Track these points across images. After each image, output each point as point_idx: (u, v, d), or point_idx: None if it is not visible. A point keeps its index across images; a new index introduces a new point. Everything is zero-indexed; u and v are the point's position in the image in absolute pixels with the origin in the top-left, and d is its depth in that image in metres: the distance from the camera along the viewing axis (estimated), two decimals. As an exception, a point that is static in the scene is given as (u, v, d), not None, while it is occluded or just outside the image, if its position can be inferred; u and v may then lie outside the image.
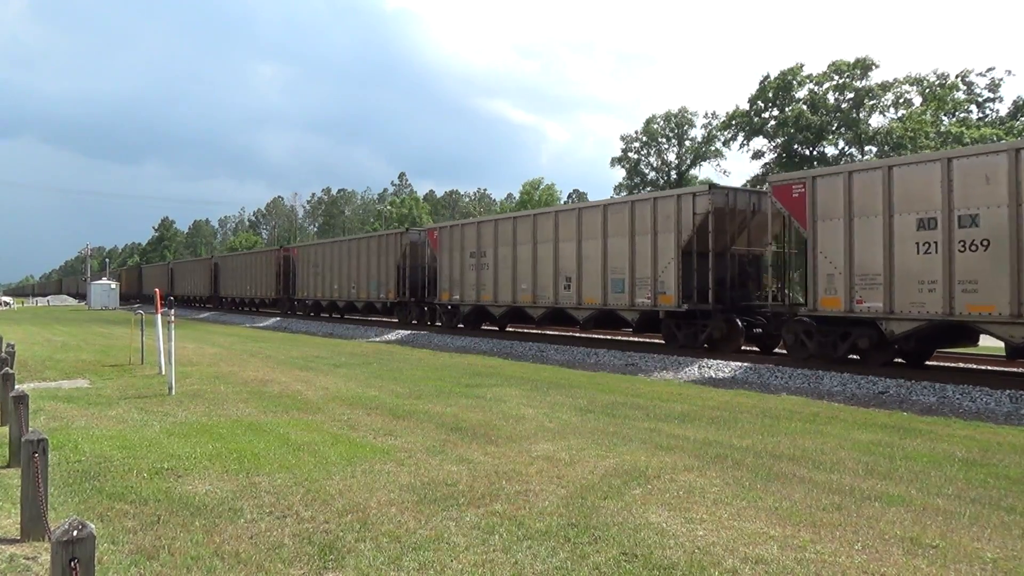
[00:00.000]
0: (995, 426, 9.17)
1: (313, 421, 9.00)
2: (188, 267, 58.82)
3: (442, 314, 25.26)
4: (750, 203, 16.55)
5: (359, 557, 4.44)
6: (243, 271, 43.84)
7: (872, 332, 12.93)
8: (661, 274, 16.55)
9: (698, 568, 4.28)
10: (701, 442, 7.81)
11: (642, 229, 17.02)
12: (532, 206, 69.50)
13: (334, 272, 32.75)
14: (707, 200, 15.81)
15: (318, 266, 34.40)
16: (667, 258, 16.41)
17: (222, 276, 47.68)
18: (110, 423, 8.82)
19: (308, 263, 35.71)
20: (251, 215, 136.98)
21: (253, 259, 43.12)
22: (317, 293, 34.47)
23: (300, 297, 35.93)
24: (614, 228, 17.77)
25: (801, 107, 49.77)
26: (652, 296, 16.72)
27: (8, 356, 11.81)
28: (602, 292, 18.03)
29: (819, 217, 13.48)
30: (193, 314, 46.58)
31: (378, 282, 29.21)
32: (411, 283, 27.20)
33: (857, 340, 13.23)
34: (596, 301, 18.22)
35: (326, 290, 33.45)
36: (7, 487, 5.93)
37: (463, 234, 23.48)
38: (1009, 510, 5.48)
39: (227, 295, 45.69)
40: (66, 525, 2.87)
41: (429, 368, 15.23)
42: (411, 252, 27.29)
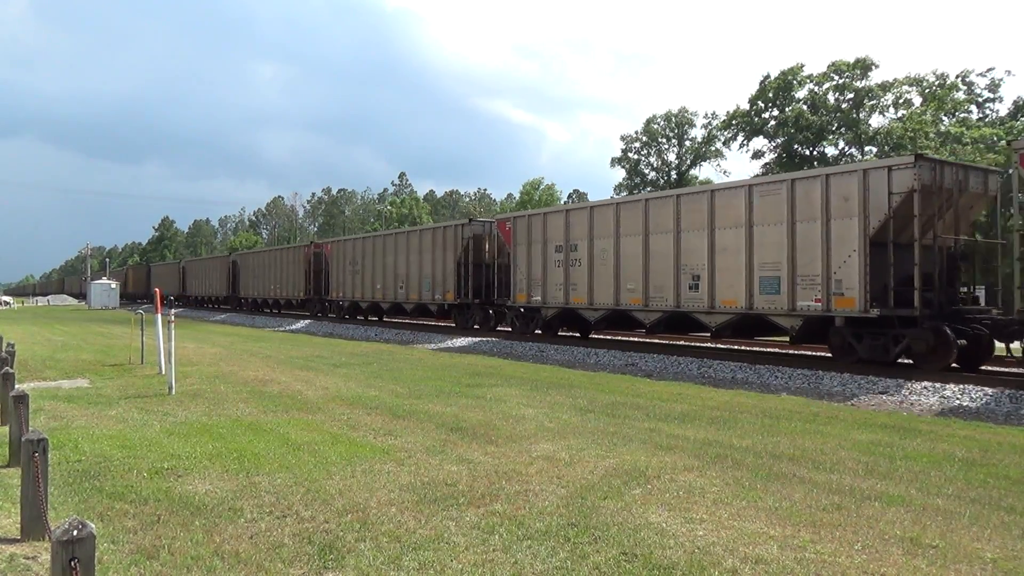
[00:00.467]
0: (995, 426, 9.17)
1: (313, 421, 9.00)
2: (202, 265, 54.58)
3: (515, 319, 21.88)
4: (956, 179, 13.12)
5: (359, 557, 4.44)
6: (266, 269, 40.13)
7: None
8: (837, 271, 13.33)
9: (698, 568, 4.28)
10: (701, 442, 7.81)
11: (807, 215, 13.78)
12: (532, 206, 69.48)
13: (376, 270, 29.29)
14: (911, 175, 12.39)
15: (356, 263, 30.73)
16: (848, 249, 13.19)
17: (242, 275, 43.66)
18: (110, 423, 8.82)
19: (344, 260, 31.98)
20: (251, 215, 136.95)
21: (279, 256, 39.02)
22: (355, 293, 30.86)
23: (334, 298, 32.22)
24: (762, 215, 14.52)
25: (801, 107, 49.77)
26: (824, 298, 13.52)
27: (8, 356, 11.80)
28: (746, 293, 14.80)
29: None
30: (208, 315, 44.54)
31: (432, 281, 25.96)
32: (474, 283, 24.10)
33: None
34: (737, 304, 15.00)
35: (366, 290, 29.83)
36: (7, 487, 5.93)
37: (545, 224, 20.19)
38: (1009, 510, 5.48)
39: (248, 295, 41.91)
40: (66, 525, 2.87)
41: (429, 368, 15.23)
42: (474, 246, 24.00)
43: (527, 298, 20.87)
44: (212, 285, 50.24)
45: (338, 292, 32.18)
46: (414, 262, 27.23)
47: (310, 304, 35.27)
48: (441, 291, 25.48)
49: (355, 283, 30.68)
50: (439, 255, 25.68)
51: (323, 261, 34.05)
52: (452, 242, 24.97)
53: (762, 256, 14.48)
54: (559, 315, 20.19)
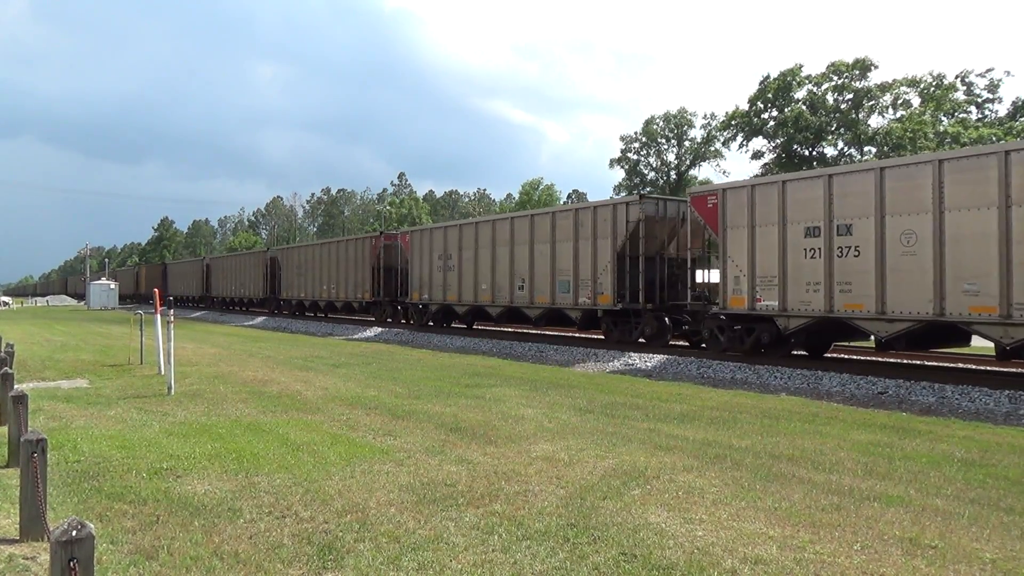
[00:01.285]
0: (994, 426, 9.18)
1: (312, 421, 9.00)
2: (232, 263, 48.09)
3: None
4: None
5: (358, 557, 4.44)
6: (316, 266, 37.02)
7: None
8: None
9: (697, 568, 4.29)
10: (700, 442, 7.81)
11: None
12: (532, 206, 69.55)
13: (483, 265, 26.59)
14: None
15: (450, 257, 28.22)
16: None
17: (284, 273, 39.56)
18: (109, 423, 8.82)
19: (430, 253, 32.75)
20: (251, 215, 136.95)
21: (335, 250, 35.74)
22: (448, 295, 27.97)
23: (416, 300, 27.75)
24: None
25: (801, 107, 49.79)
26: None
27: (7, 356, 11.79)
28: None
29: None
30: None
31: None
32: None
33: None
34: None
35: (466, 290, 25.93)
36: (6, 487, 5.93)
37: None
38: (1008, 510, 5.48)
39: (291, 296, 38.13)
40: (65, 525, 2.87)
41: (428, 368, 15.23)
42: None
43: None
44: (244, 285, 44.26)
45: (421, 293, 26.75)
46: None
47: (377, 307, 30.42)
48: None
49: (449, 282, 25.20)
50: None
51: (397, 255, 29.23)
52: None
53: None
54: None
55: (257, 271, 42.26)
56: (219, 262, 51.18)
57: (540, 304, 20.64)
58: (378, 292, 29.89)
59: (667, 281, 18.15)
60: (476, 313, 24.46)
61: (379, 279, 29.84)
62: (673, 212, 18.19)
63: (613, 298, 18.07)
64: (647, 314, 17.78)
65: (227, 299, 47.58)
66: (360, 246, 31.50)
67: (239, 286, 45.06)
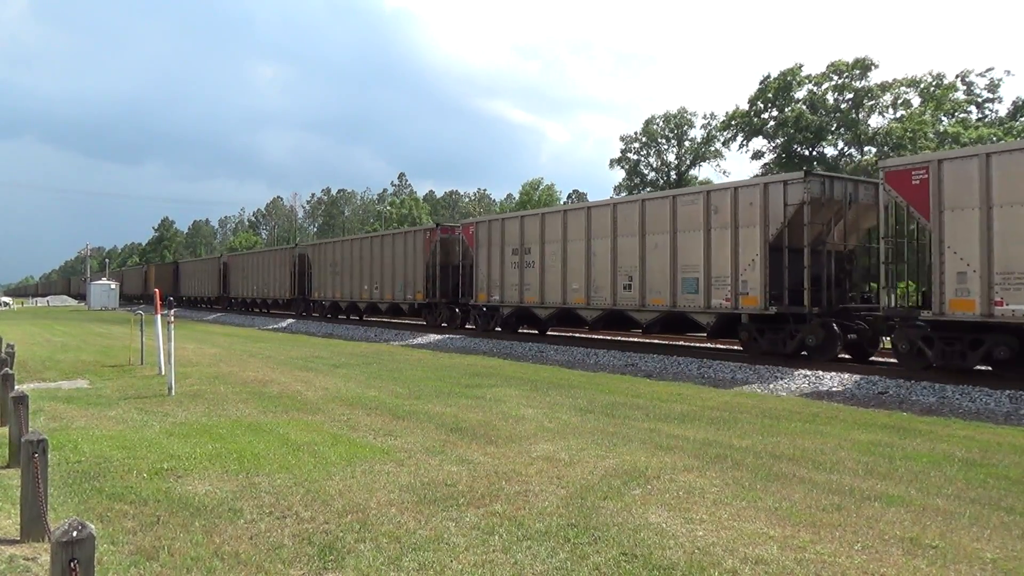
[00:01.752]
0: (995, 426, 9.17)
1: (313, 421, 9.00)
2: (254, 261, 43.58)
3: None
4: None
5: (359, 557, 4.44)
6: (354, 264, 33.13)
7: None
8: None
9: (698, 568, 4.28)
10: (701, 442, 7.81)
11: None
12: (532, 206, 69.49)
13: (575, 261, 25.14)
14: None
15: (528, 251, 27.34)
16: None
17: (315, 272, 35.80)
18: (110, 423, 8.82)
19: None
20: (251, 215, 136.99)
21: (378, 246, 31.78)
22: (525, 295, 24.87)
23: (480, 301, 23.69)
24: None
25: (801, 107, 49.79)
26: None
27: (8, 356, 11.80)
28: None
29: None
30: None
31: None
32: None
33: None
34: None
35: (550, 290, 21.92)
36: (7, 487, 5.93)
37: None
38: (1009, 510, 5.48)
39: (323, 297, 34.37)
40: (66, 526, 2.87)
41: (429, 368, 15.23)
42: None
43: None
44: (268, 285, 40.18)
45: (490, 293, 22.66)
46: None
47: (431, 310, 26.71)
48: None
49: (527, 280, 21.06)
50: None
51: (457, 250, 25.51)
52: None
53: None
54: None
55: (283, 269, 38.22)
56: (238, 260, 46.50)
57: (655, 307, 16.78)
58: (432, 292, 25.94)
59: (833, 279, 14.93)
60: (562, 317, 20.39)
61: (434, 278, 25.98)
62: (839, 193, 14.66)
63: (763, 300, 14.53)
64: (813, 320, 14.22)
65: (248, 300, 43.43)
66: (411, 240, 27.58)
67: (262, 286, 40.88)
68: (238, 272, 45.00)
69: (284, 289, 38.14)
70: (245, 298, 43.66)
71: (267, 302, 40.99)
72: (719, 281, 15.39)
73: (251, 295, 42.57)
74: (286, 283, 37.82)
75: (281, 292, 38.61)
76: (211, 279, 49.62)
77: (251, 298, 42.80)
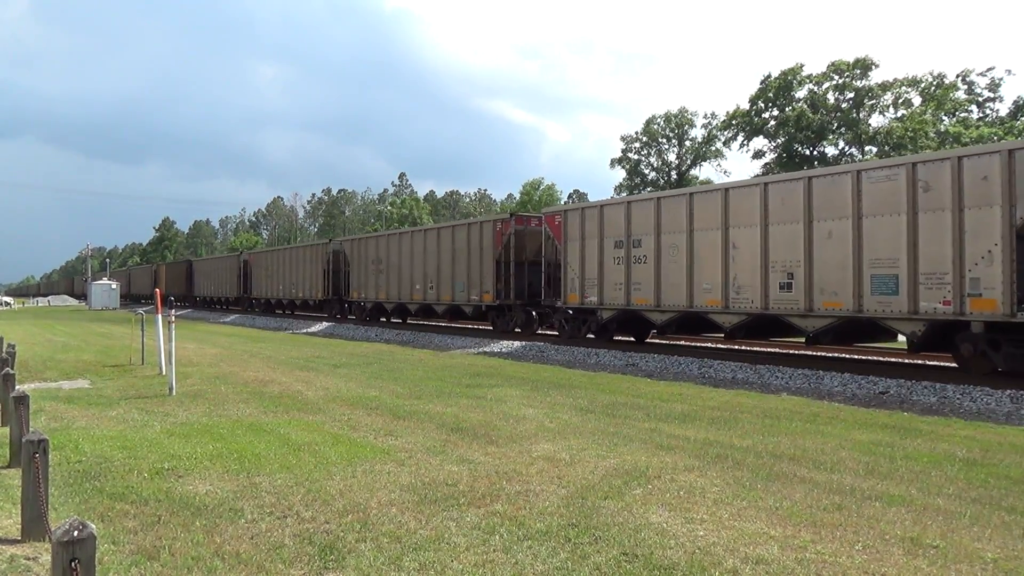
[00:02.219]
0: (996, 426, 9.17)
1: (314, 421, 9.00)
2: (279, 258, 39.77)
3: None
4: None
5: (360, 557, 4.44)
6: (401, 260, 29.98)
7: None
8: None
9: (698, 568, 4.28)
10: (702, 442, 7.81)
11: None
12: (532, 206, 69.45)
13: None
14: None
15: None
16: None
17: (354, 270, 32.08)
18: (111, 423, 8.82)
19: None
20: (251, 215, 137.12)
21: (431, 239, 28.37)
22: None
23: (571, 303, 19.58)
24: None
25: (802, 107, 49.78)
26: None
27: (9, 356, 11.80)
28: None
29: None
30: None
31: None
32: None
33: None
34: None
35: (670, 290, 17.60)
36: (8, 487, 5.93)
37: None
38: (1010, 510, 5.47)
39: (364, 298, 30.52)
40: (67, 525, 2.87)
41: (429, 368, 15.23)
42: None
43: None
44: (296, 285, 36.78)
45: (584, 294, 18.78)
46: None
47: (501, 313, 22.96)
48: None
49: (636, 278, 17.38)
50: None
51: (536, 244, 21.81)
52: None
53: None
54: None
55: (315, 267, 34.73)
56: (262, 258, 42.56)
57: (829, 311, 13.37)
58: (504, 293, 22.18)
59: None
60: (684, 322, 16.80)
61: (506, 276, 22.17)
62: None
63: (1008, 303, 11.09)
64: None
65: (272, 301, 40.15)
66: (476, 234, 23.46)
67: (289, 286, 37.42)
68: (261, 270, 41.37)
69: (316, 289, 34.77)
70: (270, 299, 40.30)
71: (295, 303, 37.52)
72: (933, 279, 12.02)
73: (276, 295, 39.28)
74: (318, 282, 34.41)
75: (312, 292, 35.19)
76: (230, 278, 45.87)
77: (276, 299, 39.46)
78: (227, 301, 48.18)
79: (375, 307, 29.86)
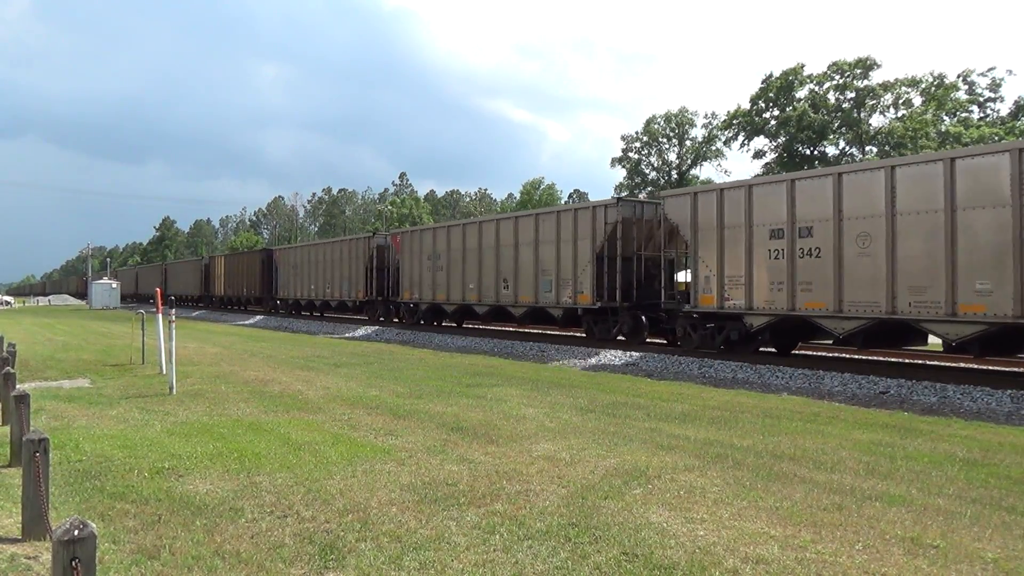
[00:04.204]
0: (996, 426, 9.16)
1: (314, 421, 9.00)
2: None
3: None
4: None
5: (360, 557, 4.45)
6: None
7: None
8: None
9: (699, 568, 4.28)
10: (702, 442, 7.80)
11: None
12: (533, 206, 69.51)
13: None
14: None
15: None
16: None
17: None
18: (111, 422, 8.83)
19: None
20: (252, 215, 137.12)
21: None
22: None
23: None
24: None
25: (804, 106, 49.75)
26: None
27: (10, 355, 11.80)
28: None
29: None
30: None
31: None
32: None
33: None
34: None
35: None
36: (8, 486, 5.94)
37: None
38: (1010, 510, 5.47)
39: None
40: (67, 524, 2.87)
41: (430, 368, 15.23)
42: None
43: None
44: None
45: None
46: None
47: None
48: None
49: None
50: None
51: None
52: None
53: None
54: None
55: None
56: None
57: None
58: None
59: None
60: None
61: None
62: None
63: None
64: None
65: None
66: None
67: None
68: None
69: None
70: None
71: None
72: None
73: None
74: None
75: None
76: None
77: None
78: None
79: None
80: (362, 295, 30.31)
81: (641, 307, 18.40)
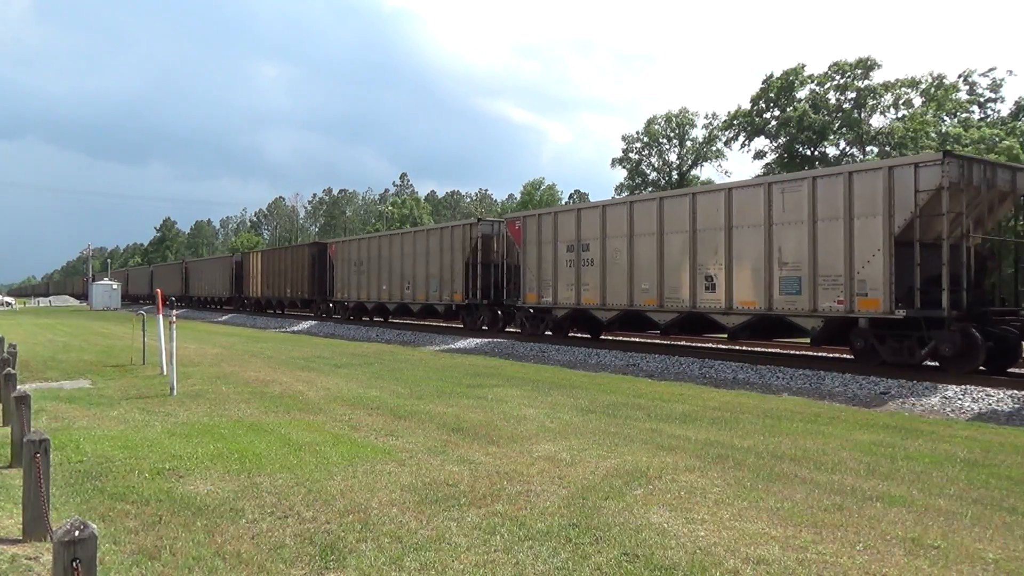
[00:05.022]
0: (997, 426, 9.16)
1: (315, 421, 9.00)
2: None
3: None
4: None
5: (360, 557, 4.44)
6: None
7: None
8: None
9: (699, 569, 4.28)
10: (702, 442, 7.80)
11: None
12: (533, 207, 69.47)
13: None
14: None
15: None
16: None
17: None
18: (112, 423, 8.83)
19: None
20: (252, 215, 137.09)
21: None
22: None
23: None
24: None
25: (804, 107, 49.73)
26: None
27: (10, 356, 11.81)
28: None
29: None
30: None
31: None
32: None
33: None
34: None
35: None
36: (9, 487, 5.94)
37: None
38: (1011, 511, 5.47)
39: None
40: (68, 525, 2.87)
41: (430, 368, 15.23)
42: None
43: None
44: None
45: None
46: None
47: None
48: None
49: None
50: None
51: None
52: None
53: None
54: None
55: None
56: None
57: None
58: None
59: None
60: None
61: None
62: None
63: None
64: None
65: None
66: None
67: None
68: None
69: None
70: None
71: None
72: None
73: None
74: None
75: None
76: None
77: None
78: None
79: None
80: (460, 296, 24.00)
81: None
